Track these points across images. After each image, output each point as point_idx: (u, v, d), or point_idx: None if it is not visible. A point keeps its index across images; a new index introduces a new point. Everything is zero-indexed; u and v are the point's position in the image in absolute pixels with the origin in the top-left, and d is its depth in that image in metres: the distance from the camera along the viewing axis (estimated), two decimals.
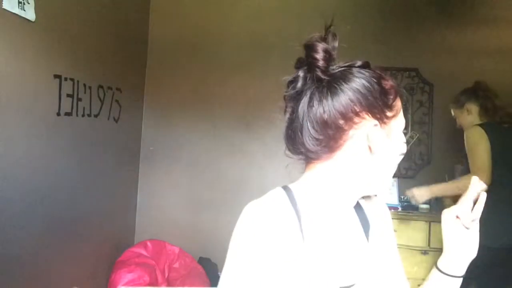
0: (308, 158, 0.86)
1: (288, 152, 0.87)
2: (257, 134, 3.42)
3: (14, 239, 1.97)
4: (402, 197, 3.07)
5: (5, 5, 1.81)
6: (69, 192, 2.44)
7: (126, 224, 3.33)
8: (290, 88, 0.85)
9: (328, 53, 0.81)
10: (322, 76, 0.81)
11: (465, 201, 0.89)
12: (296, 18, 3.37)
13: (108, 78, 2.86)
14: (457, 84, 2.76)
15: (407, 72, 3.31)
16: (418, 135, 3.27)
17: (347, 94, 0.80)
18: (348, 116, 0.80)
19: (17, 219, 1.99)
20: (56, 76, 2.26)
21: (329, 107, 0.80)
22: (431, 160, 3.27)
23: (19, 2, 1.89)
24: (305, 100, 0.82)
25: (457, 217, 0.90)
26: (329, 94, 0.81)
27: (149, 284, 2.69)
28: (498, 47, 3.23)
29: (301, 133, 0.83)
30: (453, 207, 0.91)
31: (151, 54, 3.51)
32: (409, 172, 3.26)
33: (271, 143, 3.39)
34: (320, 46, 0.81)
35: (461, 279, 0.92)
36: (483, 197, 0.89)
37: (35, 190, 2.13)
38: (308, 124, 0.82)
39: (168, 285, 2.92)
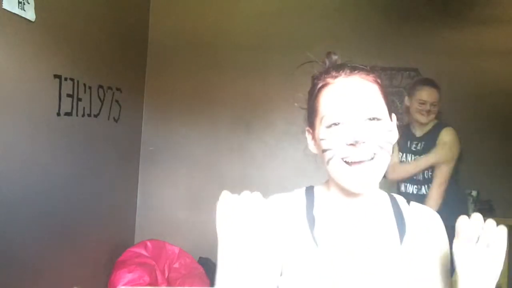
0: None
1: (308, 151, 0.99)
2: (257, 134, 3.42)
3: (14, 239, 1.97)
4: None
5: (5, 5, 1.81)
6: (69, 192, 2.44)
7: (126, 224, 3.33)
8: None
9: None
10: None
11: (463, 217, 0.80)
12: (296, 18, 3.36)
13: (108, 78, 2.86)
14: (457, 84, 2.77)
15: (407, 72, 3.31)
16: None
17: None
18: None
19: (17, 219, 1.99)
20: (56, 76, 2.25)
21: None
22: None
23: (19, 2, 1.88)
24: None
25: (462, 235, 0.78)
26: None
27: (149, 284, 2.69)
28: (498, 47, 3.23)
29: None
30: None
31: (151, 54, 3.51)
32: None
33: (271, 143, 3.39)
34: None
35: None
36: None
37: (35, 190, 2.12)
38: None
39: (168, 285, 2.92)
